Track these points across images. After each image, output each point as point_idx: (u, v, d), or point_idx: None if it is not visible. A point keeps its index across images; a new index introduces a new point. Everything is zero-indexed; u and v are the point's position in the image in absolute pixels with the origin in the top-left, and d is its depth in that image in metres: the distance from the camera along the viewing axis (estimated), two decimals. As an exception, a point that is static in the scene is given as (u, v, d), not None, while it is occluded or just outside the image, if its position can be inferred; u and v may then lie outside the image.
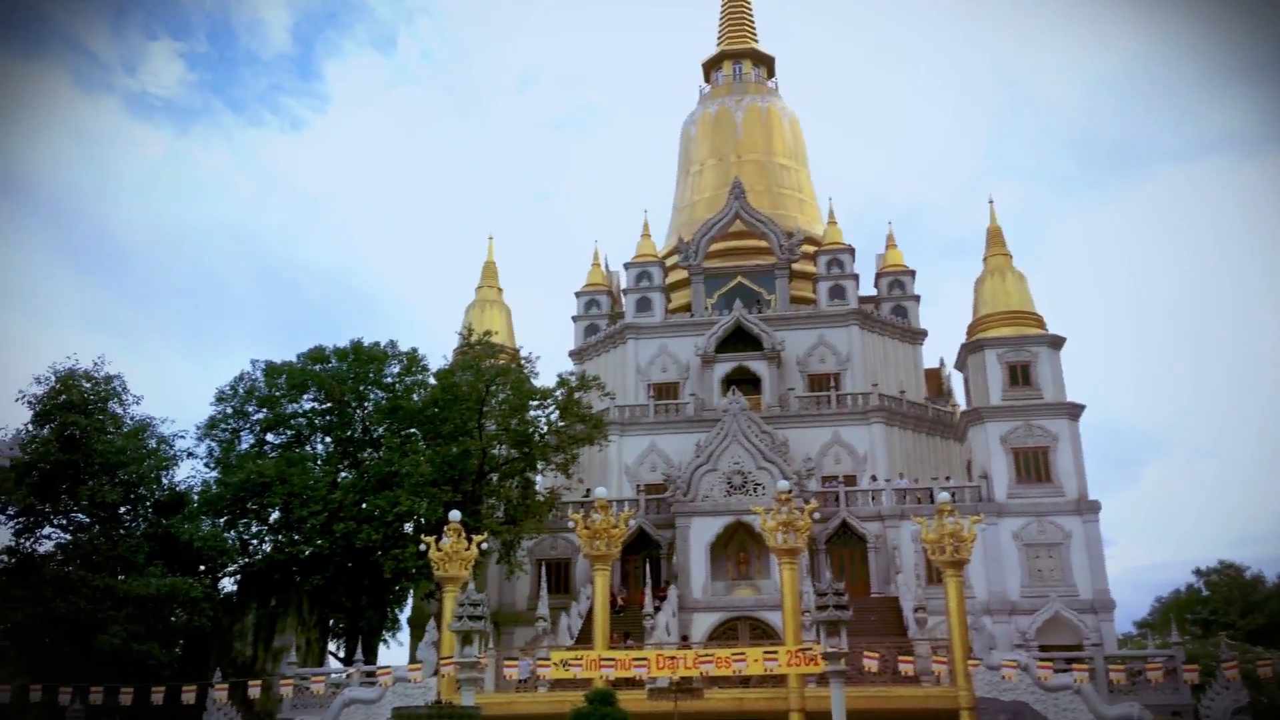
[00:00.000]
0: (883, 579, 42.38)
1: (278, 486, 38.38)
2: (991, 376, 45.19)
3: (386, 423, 42.31)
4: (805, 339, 51.72)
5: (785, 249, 53.42)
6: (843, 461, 47.84)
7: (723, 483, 42.21)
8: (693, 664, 25.97)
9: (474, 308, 56.36)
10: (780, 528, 26.92)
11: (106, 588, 35.48)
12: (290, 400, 42.86)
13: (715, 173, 59.94)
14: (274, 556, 40.03)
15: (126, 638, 34.45)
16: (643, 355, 52.86)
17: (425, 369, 43.72)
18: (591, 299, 57.52)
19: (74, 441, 37.96)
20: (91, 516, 38.83)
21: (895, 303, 54.90)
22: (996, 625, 39.83)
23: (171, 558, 37.94)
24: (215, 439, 42.43)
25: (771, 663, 25.33)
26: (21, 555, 38.38)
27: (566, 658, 27.29)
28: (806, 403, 49.42)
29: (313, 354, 43.20)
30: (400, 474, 38.06)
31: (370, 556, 38.06)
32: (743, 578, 41.84)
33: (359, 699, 28.93)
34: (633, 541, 42.90)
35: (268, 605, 40.21)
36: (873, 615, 38.22)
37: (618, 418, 49.31)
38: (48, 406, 38.53)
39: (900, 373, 52.38)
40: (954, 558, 26.10)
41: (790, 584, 27.02)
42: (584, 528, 28.01)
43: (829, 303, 52.66)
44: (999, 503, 42.79)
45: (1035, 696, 27.13)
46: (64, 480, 38.21)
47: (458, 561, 27.85)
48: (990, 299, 47.52)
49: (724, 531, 41.64)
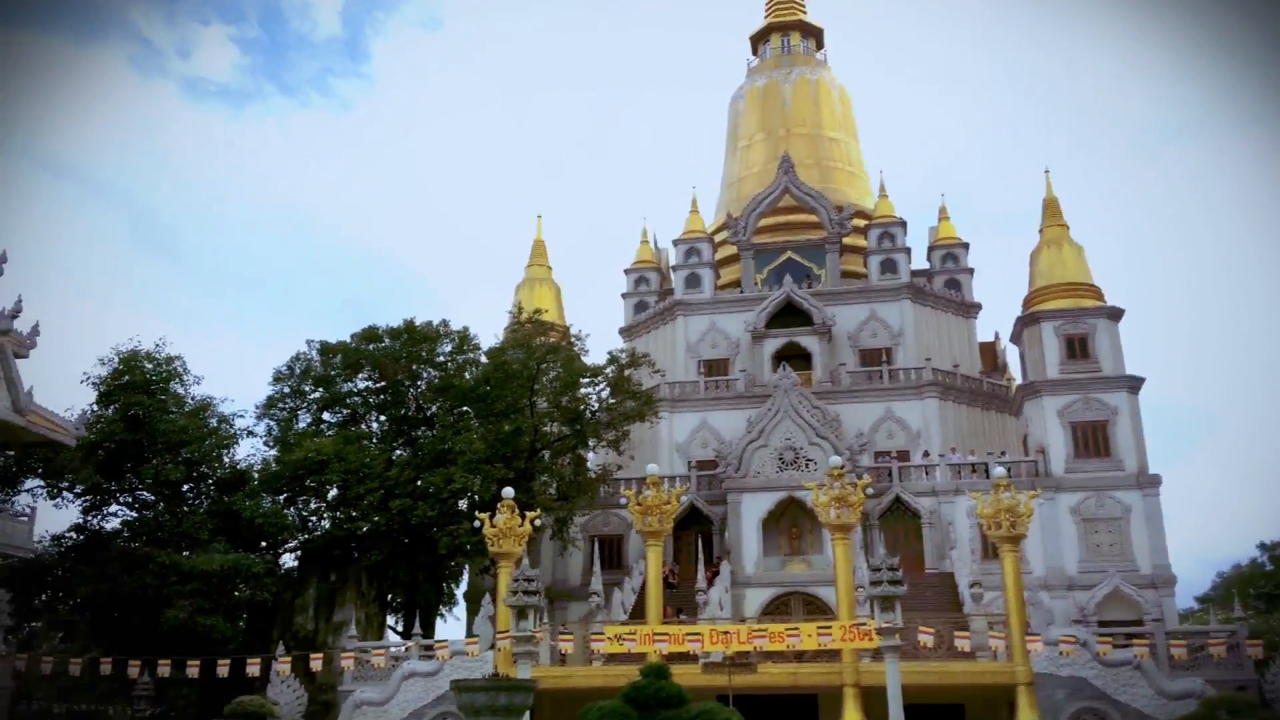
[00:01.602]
0: (937, 555, 42.09)
1: (335, 464, 39.04)
2: (1048, 349, 44.49)
3: (439, 401, 42.80)
4: (856, 314, 51.28)
5: (835, 223, 52.93)
6: (895, 437, 47.47)
7: (774, 459, 42.11)
8: (746, 639, 26.06)
9: (523, 286, 56.61)
10: (833, 503, 26.83)
11: (172, 563, 36.41)
12: (345, 379, 43.56)
13: (764, 147, 59.47)
14: (333, 533, 40.80)
15: (192, 612, 35.36)
16: (692, 332, 52.78)
17: (477, 347, 44.12)
18: (640, 276, 57.49)
19: (137, 421, 38.90)
20: (156, 494, 39.82)
21: (948, 276, 54.21)
22: (1054, 601, 39.36)
23: (234, 534, 38.82)
24: (273, 418, 43.29)
25: (826, 638, 25.31)
26: (90, 532, 39.54)
27: (620, 632, 27.53)
28: (858, 378, 49.06)
29: (366, 333, 43.78)
30: (454, 451, 38.50)
31: (426, 533, 38.60)
32: (795, 553, 41.81)
33: (418, 671, 29.42)
34: (684, 517, 43.02)
35: (327, 580, 40.99)
36: (927, 591, 38.02)
37: (668, 394, 49.34)
38: (111, 387, 39.51)
39: (954, 347, 51.78)
40: (1010, 533, 25.86)
41: (843, 559, 26.95)
42: (636, 504, 28.15)
43: (880, 277, 52.13)
44: (1056, 477, 42.22)
45: (1095, 672, 26.83)
46: (129, 459, 39.21)
47: (511, 538, 28.13)
48: (1047, 271, 46.72)
49: (776, 507, 41.59)
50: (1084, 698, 26.64)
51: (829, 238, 53.02)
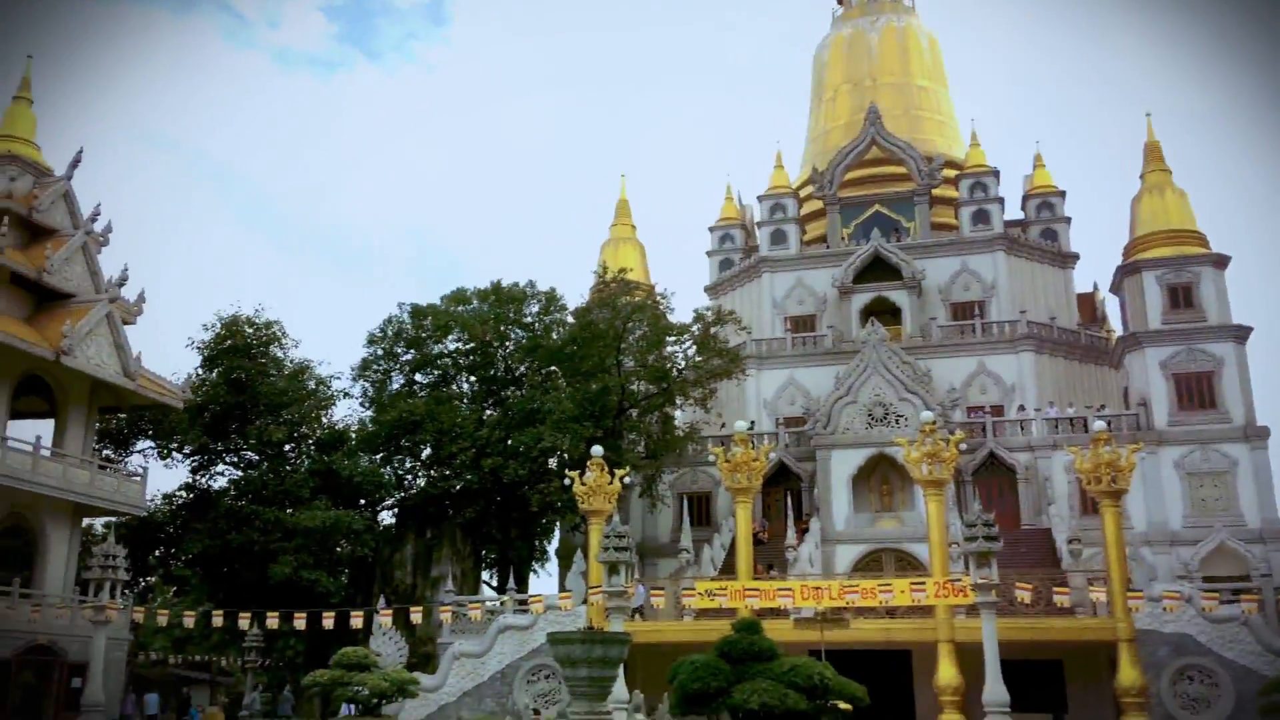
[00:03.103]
0: (1033, 510, 41.31)
1: (428, 424, 39.89)
2: (1150, 299, 42.99)
3: (527, 361, 43.34)
4: (947, 267, 50.19)
5: (925, 174, 51.72)
6: (989, 391, 46.53)
7: (863, 415, 41.68)
8: (838, 594, 26.00)
9: (608, 245, 56.71)
10: (925, 459, 26.49)
11: (276, 520, 37.75)
12: (435, 341, 44.36)
13: (850, 98, 58.23)
14: (428, 490, 41.79)
15: (296, 567, 36.67)
16: (778, 288, 52.29)
17: (563, 308, 44.50)
18: (725, 233, 57.08)
19: (240, 384, 40.24)
20: (260, 454, 41.24)
21: (1044, 226, 52.64)
22: (1157, 556, 38.39)
23: (334, 492, 40.04)
24: (368, 379, 44.36)
25: (919, 593, 25.13)
26: (199, 491, 41.18)
27: (711, 588, 27.73)
28: (950, 332, 48.13)
29: (455, 296, 44.46)
30: (542, 411, 38.97)
31: (517, 490, 39.25)
32: (886, 510, 41.44)
33: (513, 625, 30.03)
34: (773, 475, 42.88)
35: (424, 537, 42.06)
36: (1023, 547, 37.40)
37: (755, 351, 49.08)
38: (215, 351, 40.91)
39: (1050, 298, 50.38)
40: (1111, 488, 25.25)
41: (936, 515, 26.64)
42: (725, 461, 28.18)
43: (972, 228, 50.86)
44: (1159, 430, 40.97)
45: (1199, 628, 26.13)
46: (233, 420, 40.64)
47: (601, 495, 28.44)
48: (1148, 218, 45.03)
49: (866, 464, 41.22)
50: (1188, 654, 25.98)
51: (918, 189, 51.86)
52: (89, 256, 33.35)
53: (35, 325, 31.26)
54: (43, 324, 31.39)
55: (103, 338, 32.15)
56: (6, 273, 30.60)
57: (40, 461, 30.69)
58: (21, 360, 30.37)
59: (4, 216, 31.10)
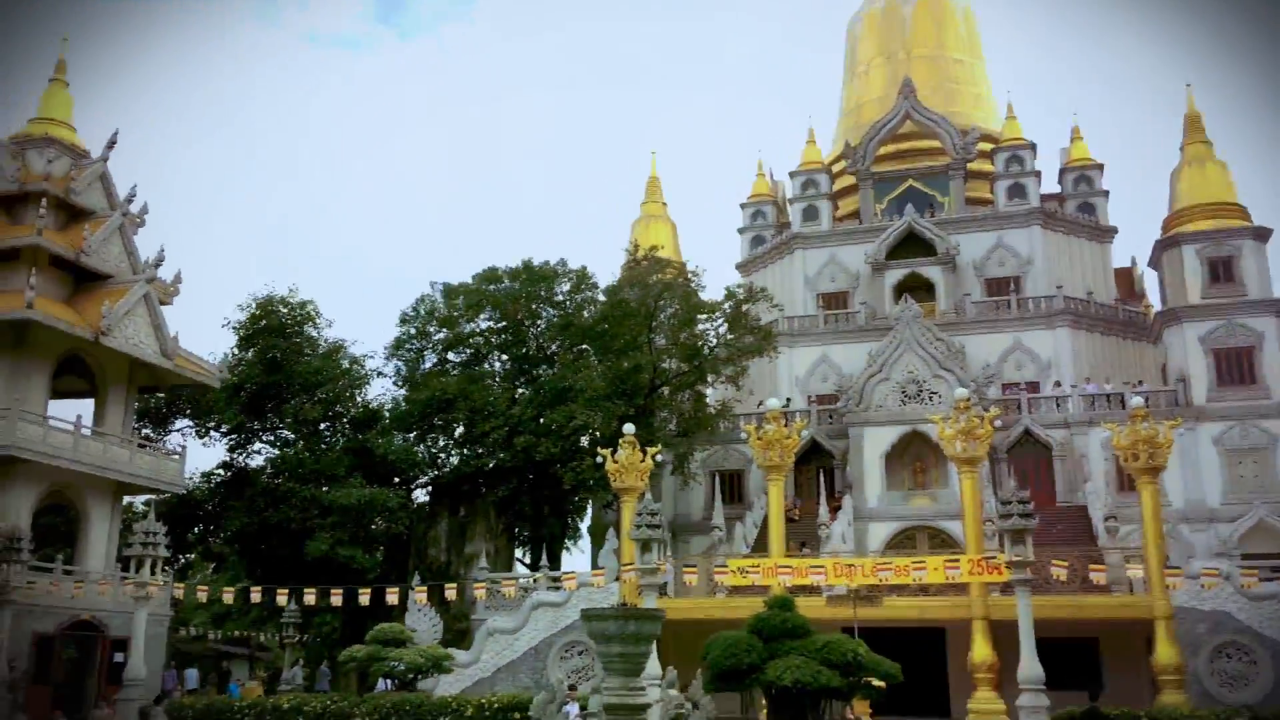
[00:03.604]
0: (1069, 487, 40.94)
1: (460, 403, 40.11)
2: (1190, 273, 42.32)
3: (559, 339, 43.42)
4: (982, 242, 49.63)
5: (959, 148, 51.08)
6: (1024, 368, 46.07)
7: (897, 392, 41.41)
8: (871, 572, 25.89)
9: (639, 223, 56.58)
10: (959, 436, 26.30)
11: (312, 498, 38.18)
12: (468, 320, 44.53)
13: (883, 72, 57.54)
14: (461, 469, 42.09)
15: (333, 544, 37.10)
16: (811, 265, 51.96)
17: (594, 286, 44.50)
18: (757, 210, 56.74)
19: (276, 363, 40.65)
20: (296, 432, 41.70)
21: (1081, 199, 51.89)
22: (1194, 534, 37.97)
23: (369, 470, 40.41)
24: (401, 358, 44.66)
25: (953, 571, 24.98)
26: (236, 469, 41.71)
27: (744, 565, 27.74)
28: (984, 308, 47.64)
29: (486, 274, 44.56)
30: (574, 389, 39.05)
31: (550, 468, 39.42)
32: (919, 487, 41.22)
33: (546, 602, 30.23)
34: (805, 452, 42.71)
35: (457, 514, 42.41)
36: (1058, 524, 37.11)
37: (786, 329, 48.85)
38: (250, 331, 41.33)
39: (1087, 273, 49.71)
40: (1148, 464, 24.93)
41: (971, 493, 26.47)
42: (757, 439, 28.10)
43: (1008, 202, 50.23)
44: (1198, 407, 40.41)
45: (1239, 605, 25.82)
46: (269, 399, 41.09)
47: (633, 473, 28.48)
48: (1188, 190, 44.25)
49: (899, 441, 40.99)
50: (1226, 632, 25.70)
51: (953, 163, 51.25)
52: (126, 237, 33.73)
53: (74, 306, 31.71)
54: (81, 305, 31.85)
55: (140, 318, 32.55)
56: (46, 254, 31.03)
57: (81, 440, 31.20)
58: (62, 341, 30.83)
59: (42, 198, 31.52)
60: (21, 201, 32.18)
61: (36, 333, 30.09)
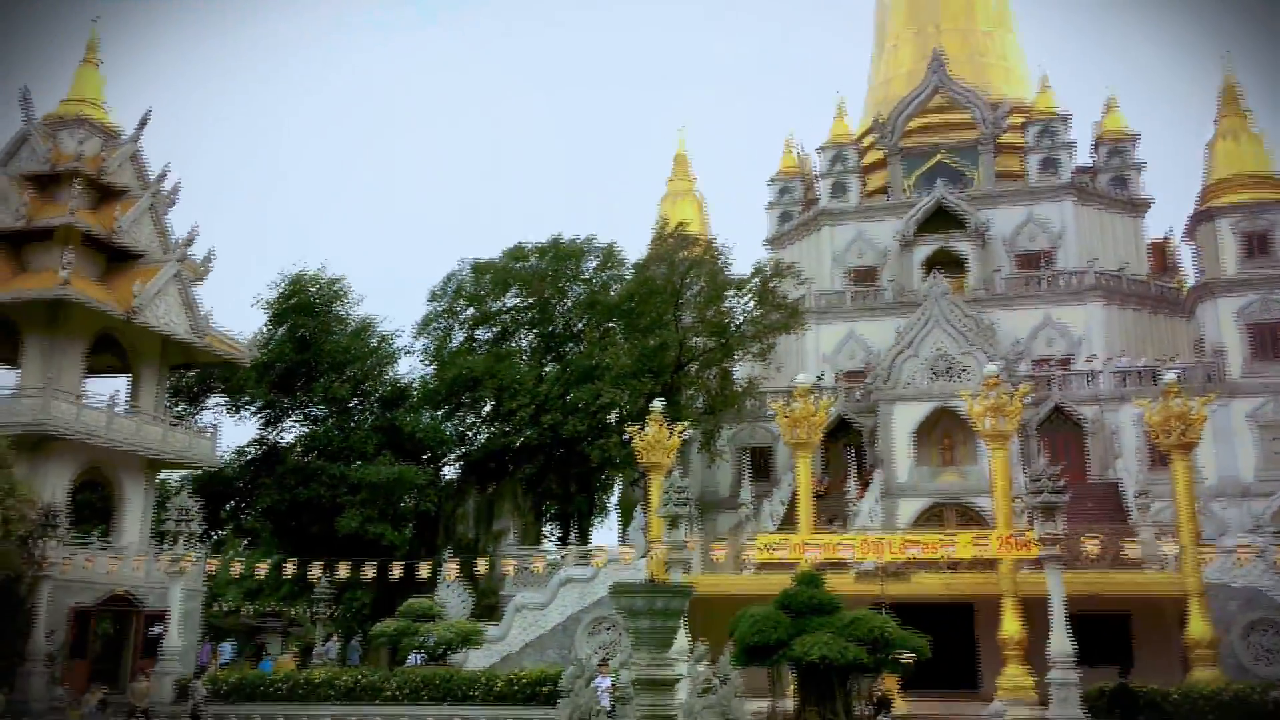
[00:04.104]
0: (1100, 464, 40.60)
1: (488, 380, 40.25)
2: (1225, 247, 41.69)
3: (586, 317, 43.41)
4: (1013, 216, 49.09)
5: (990, 121, 50.47)
6: (1055, 344, 45.63)
7: (925, 368, 41.13)
8: (899, 549, 25.85)
9: (667, 200, 56.38)
10: (989, 412, 26.14)
11: (342, 475, 38.50)
12: (495, 297, 44.60)
13: (913, 45, 56.82)
14: (489, 446, 42.25)
15: (363, 520, 37.43)
16: (839, 241, 51.62)
17: (622, 263, 44.41)
18: (784, 186, 56.37)
19: (306, 341, 40.95)
20: (325, 410, 42.01)
21: (1115, 173, 51.15)
22: (1228, 510, 37.56)
23: (397, 447, 40.67)
24: (429, 336, 44.80)
25: (983, 547, 24.88)
26: (267, 446, 42.11)
27: (771, 541, 27.76)
28: (1015, 283, 47.17)
29: (513, 252, 44.56)
30: (601, 366, 39.07)
31: (577, 445, 39.52)
32: (948, 464, 40.99)
33: (574, 578, 30.37)
34: (833, 429, 42.61)
35: (486, 491, 42.64)
36: (1089, 501, 36.83)
37: (814, 305, 48.61)
38: (281, 309, 41.59)
39: (1120, 247, 49.07)
40: (1181, 440, 24.68)
41: (1000, 469, 26.32)
42: (784, 415, 28.05)
43: (1040, 176, 49.61)
44: (1232, 382, 39.89)
45: (1273, 582, 25.53)
46: (299, 377, 41.40)
47: (661, 450, 28.51)
48: (1224, 163, 43.51)
49: (928, 417, 40.75)
50: (1259, 608, 25.44)
51: (983, 137, 50.66)
52: (157, 216, 33.99)
53: (106, 285, 32.03)
54: (114, 283, 32.16)
55: (172, 297, 32.84)
56: (79, 234, 31.33)
57: (115, 418, 31.58)
58: (96, 319, 31.17)
59: (75, 178, 31.79)
60: (54, 181, 32.48)
61: (70, 311, 30.44)
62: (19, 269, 31.31)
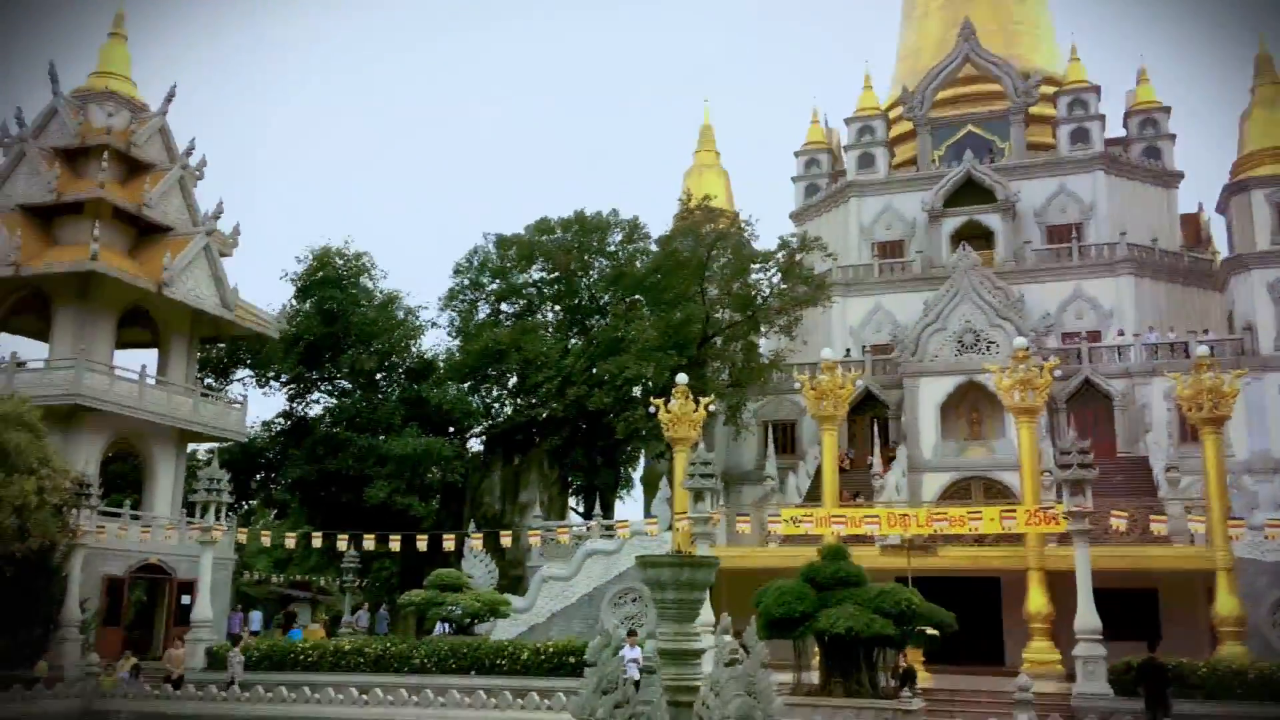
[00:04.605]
0: (1129, 438, 40.24)
1: (513, 354, 40.36)
2: (1259, 219, 41.01)
3: (611, 290, 43.38)
4: (1043, 188, 48.49)
5: (1021, 92, 49.77)
6: (1085, 317, 45.18)
7: (953, 342, 40.85)
8: (925, 522, 25.79)
9: (691, 173, 56.07)
10: (1017, 386, 25.96)
11: (369, 447, 38.82)
12: (520, 271, 44.65)
13: (942, 15, 56.03)
14: (514, 419, 42.46)
15: (390, 492, 37.74)
16: (866, 213, 51.22)
17: (646, 236, 44.34)
18: (811, 158, 55.92)
19: (332, 314, 41.20)
20: (353, 382, 42.33)
21: (1147, 144, 50.37)
22: (1259, 485, 37.09)
23: (424, 420, 40.95)
24: (455, 309, 44.96)
25: (1010, 521, 24.77)
26: (295, 418, 42.50)
27: (797, 514, 27.76)
28: (1044, 256, 46.67)
29: (538, 225, 44.55)
30: (626, 340, 39.08)
31: (602, 419, 39.61)
32: (975, 438, 40.79)
33: (599, 550, 30.54)
34: (858, 402, 42.34)
35: (511, 464, 42.86)
36: (1118, 475, 36.56)
37: (841, 278, 48.31)
38: (308, 283, 41.85)
39: (1152, 220, 48.39)
40: (1212, 414, 24.40)
41: (1028, 443, 26.16)
42: (810, 389, 27.94)
43: (1070, 148, 48.94)
44: (1265, 355, 39.36)
45: (1303, 559, 25.31)
46: (327, 350, 41.70)
47: (686, 423, 28.52)
48: (1258, 133, 42.72)
49: (955, 391, 40.51)
50: (1290, 585, 25.23)
51: (1013, 108, 49.98)
52: (185, 190, 34.20)
53: (136, 258, 32.32)
54: (143, 257, 32.44)
55: (201, 270, 33.10)
56: (108, 207, 31.58)
57: (147, 389, 31.96)
58: (126, 292, 31.47)
59: (104, 152, 32.01)
60: (83, 155, 32.73)
61: (101, 284, 30.74)
62: (50, 242, 31.64)
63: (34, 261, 30.26)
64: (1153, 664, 19.15)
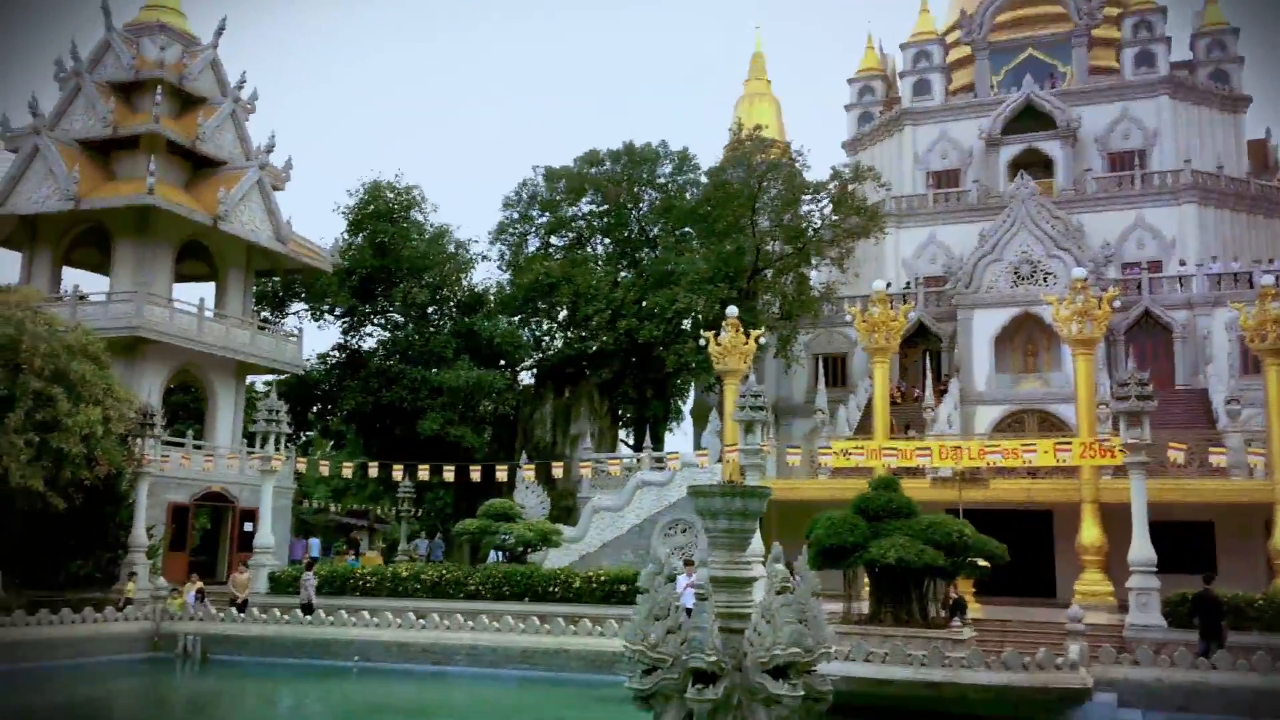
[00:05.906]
0: (1189, 370, 39.47)
1: (564, 286, 40.40)
2: (1332, 144, 39.57)
3: (661, 222, 43.13)
4: (1106, 114, 47.06)
5: (1084, 13, 48.08)
6: (1146, 246, 44.09)
7: (1009, 273, 40.09)
8: (978, 454, 25.62)
9: (743, 102, 55.21)
10: (1075, 317, 25.50)
11: (422, 379, 39.29)
12: (570, 204, 44.51)
13: (1002, -67, 54.08)
14: (565, 351, 42.67)
15: (443, 423, 38.26)
16: (921, 142, 50.14)
17: (696, 167, 43.89)
18: (865, 85, 54.71)
19: (384, 248, 41.46)
20: (405, 316, 42.73)
21: (1214, 66, 48.56)
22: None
23: (475, 353, 41.30)
24: (505, 243, 45.04)
25: (1065, 453, 24.51)
26: (350, 351, 43.07)
27: (848, 447, 27.69)
28: (1106, 184, 45.45)
29: (587, 157, 44.25)
30: (677, 272, 38.92)
31: (652, 351, 39.67)
32: (1030, 370, 40.21)
33: (650, 481, 30.80)
34: (911, 335, 41.99)
35: (562, 396, 43.18)
36: (1176, 408, 35.92)
37: (894, 209, 47.53)
38: (359, 216, 42.07)
39: (1218, 146, 46.85)
40: (1276, 345, 23.80)
41: (1085, 375, 25.77)
42: (862, 321, 27.67)
43: (1135, 71, 47.33)
44: (1333, 286, 38.21)
45: (1366, 492, 24.76)
46: (379, 283, 42.07)
47: (736, 355, 28.46)
48: (1336, 54, 41.02)
49: (1010, 323, 39.86)
50: (1351, 519, 24.72)
51: (1076, 30, 48.35)
52: (238, 124, 34.38)
53: (191, 192, 32.67)
54: (198, 191, 32.78)
55: (255, 203, 33.40)
56: (163, 141, 31.88)
57: (205, 322, 32.54)
58: (182, 226, 31.90)
59: (158, 86, 32.22)
60: (138, 89, 32.96)
61: (158, 218, 31.17)
62: (108, 176, 32.06)
63: (92, 195, 30.72)
64: (1208, 595, 18.97)
